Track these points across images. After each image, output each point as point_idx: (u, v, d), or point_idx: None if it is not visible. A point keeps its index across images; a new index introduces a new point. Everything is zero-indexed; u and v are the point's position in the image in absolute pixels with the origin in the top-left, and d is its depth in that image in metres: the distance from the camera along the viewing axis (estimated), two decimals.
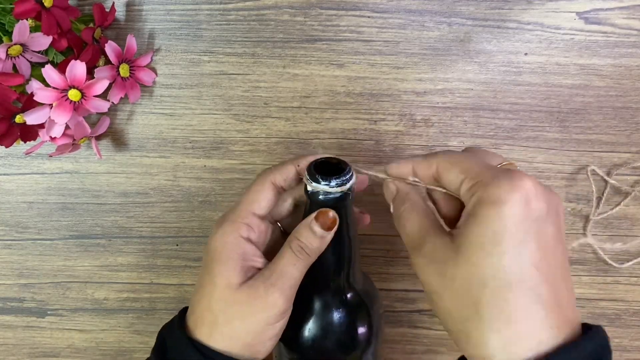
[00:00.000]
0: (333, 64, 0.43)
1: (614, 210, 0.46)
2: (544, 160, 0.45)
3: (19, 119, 0.38)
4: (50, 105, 0.37)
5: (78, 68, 0.37)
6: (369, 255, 0.47)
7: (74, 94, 0.37)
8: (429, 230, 0.30)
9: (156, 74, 0.44)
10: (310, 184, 0.32)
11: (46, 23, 0.36)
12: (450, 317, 0.28)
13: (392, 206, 0.33)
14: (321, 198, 0.32)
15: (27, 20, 0.36)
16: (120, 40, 0.41)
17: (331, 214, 0.32)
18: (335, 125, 0.45)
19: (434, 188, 0.32)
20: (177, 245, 0.47)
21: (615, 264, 0.46)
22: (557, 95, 0.44)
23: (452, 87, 0.44)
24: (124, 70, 0.41)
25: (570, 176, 0.45)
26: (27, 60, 0.38)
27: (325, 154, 0.34)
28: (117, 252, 0.48)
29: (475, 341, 0.26)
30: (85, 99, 0.38)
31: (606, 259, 0.46)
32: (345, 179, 0.32)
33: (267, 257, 0.34)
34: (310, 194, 0.32)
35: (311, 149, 0.45)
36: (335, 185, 0.31)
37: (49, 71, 0.36)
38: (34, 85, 0.37)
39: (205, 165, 0.46)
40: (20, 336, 0.50)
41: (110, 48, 0.39)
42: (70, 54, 0.40)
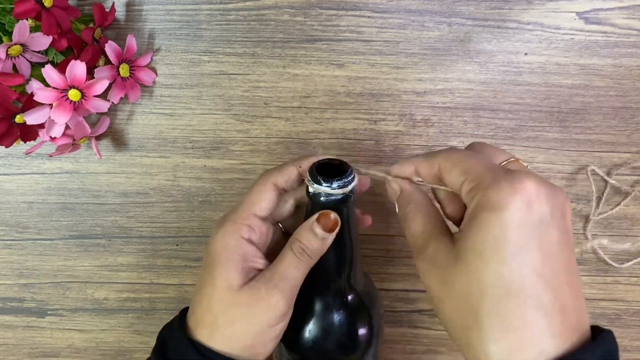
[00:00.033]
0: (333, 64, 0.43)
1: (614, 210, 0.46)
2: (544, 160, 0.45)
3: (19, 119, 0.38)
4: (50, 105, 0.37)
5: (78, 68, 0.37)
6: (369, 255, 0.47)
7: (74, 94, 0.37)
8: (432, 233, 0.29)
9: (156, 74, 0.44)
10: (312, 185, 0.32)
11: (46, 23, 0.36)
12: (451, 324, 0.27)
13: (397, 206, 0.32)
14: (323, 200, 0.32)
15: (27, 20, 0.36)
16: (120, 40, 0.41)
17: (333, 216, 0.32)
18: (335, 125, 0.45)
19: (438, 187, 0.31)
20: (177, 245, 0.47)
21: (615, 264, 0.46)
22: (557, 95, 0.44)
23: (452, 87, 0.44)
24: (124, 70, 0.41)
25: (570, 176, 0.45)
26: (27, 60, 0.38)
27: (327, 155, 0.34)
28: (117, 252, 0.48)
29: (475, 350, 0.26)
30: (85, 99, 0.38)
31: (606, 259, 0.46)
32: (347, 180, 0.31)
33: (268, 258, 0.34)
34: (312, 195, 0.32)
35: (311, 149, 0.45)
36: (337, 187, 0.31)
37: (49, 71, 0.36)
38: (34, 85, 0.37)
39: (205, 165, 0.46)
40: (20, 336, 0.50)
41: (110, 48, 0.39)
42: (70, 54, 0.40)
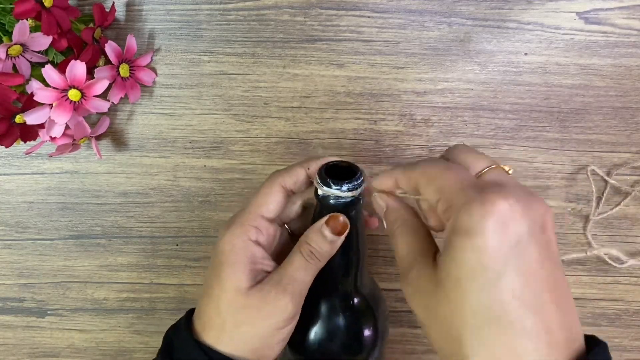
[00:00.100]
0: (333, 64, 0.43)
1: (614, 210, 0.46)
2: (544, 160, 0.45)
3: (19, 119, 0.38)
4: (50, 105, 0.37)
5: (78, 68, 0.37)
6: (369, 255, 0.47)
7: (74, 94, 0.37)
8: (416, 256, 0.29)
9: (156, 74, 0.44)
10: (322, 188, 0.31)
11: (46, 23, 0.36)
12: (438, 347, 0.27)
13: (385, 223, 0.32)
14: (332, 202, 0.32)
15: (27, 20, 0.36)
16: (120, 40, 0.41)
17: (342, 219, 0.32)
18: (335, 125, 0.45)
19: (420, 198, 0.30)
20: (177, 245, 0.47)
21: (615, 264, 0.46)
22: (557, 95, 0.44)
23: (452, 87, 0.44)
24: (124, 70, 0.41)
25: (570, 176, 0.45)
26: (27, 60, 0.38)
27: (335, 157, 0.34)
28: (117, 252, 0.48)
29: None
30: (85, 99, 0.38)
31: (606, 259, 0.46)
32: (357, 183, 0.31)
33: (275, 260, 0.34)
34: (321, 197, 0.32)
35: (311, 149, 0.45)
36: (346, 190, 0.31)
37: (49, 71, 0.36)
38: (34, 85, 0.37)
39: (205, 165, 0.46)
40: (20, 336, 0.50)
41: (110, 48, 0.39)
42: (70, 54, 0.40)
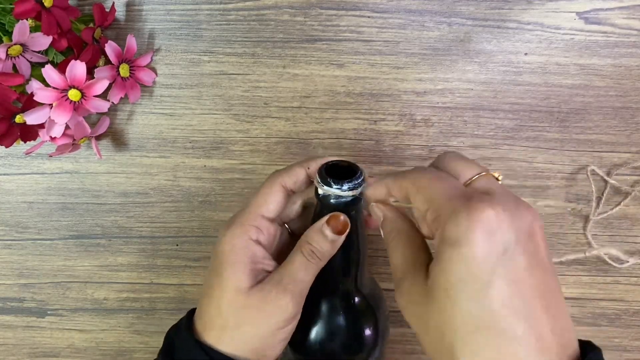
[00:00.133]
0: (333, 64, 0.43)
1: (614, 210, 0.46)
2: (544, 160, 0.45)
3: (19, 119, 0.38)
4: (50, 105, 0.37)
5: (78, 68, 0.37)
6: (369, 255, 0.47)
7: (74, 94, 0.37)
8: (410, 267, 0.29)
9: (156, 74, 0.44)
10: (322, 187, 0.31)
11: (46, 23, 0.36)
12: (432, 358, 0.27)
13: (382, 233, 0.32)
14: (332, 202, 0.32)
15: (27, 20, 0.36)
16: (120, 40, 0.41)
17: (343, 218, 0.32)
18: (335, 125, 0.45)
19: (411, 207, 0.30)
20: (177, 245, 0.47)
21: (615, 264, 0.46)
22: (557, 95, 0.44)
23: (452, 87, 0.44)
24: (124, 70, 0.41)
25: (570, 176, 0.45)
26: (27, 60, 0.38)
27: (335, 156, 0.34)
28: (117, 252, 0.48)
29: None
30: (85, 99, 0.38)
31: (606, 258, 0.46)
32: (357, 182, 0.31)
33: (276, 260, 0.34)
34: (322, 197, 0.32)
35: (311, 149, 0.45)
36: (347, 189, 0.31)
37: (49, 71, 0.36)
38: (34, 85, 0.37)
39: (205, 165, 0.46)
40: (20, 336, 0.50)
41: (110, 48, 0.39)
42: (70, 54, 0.40)
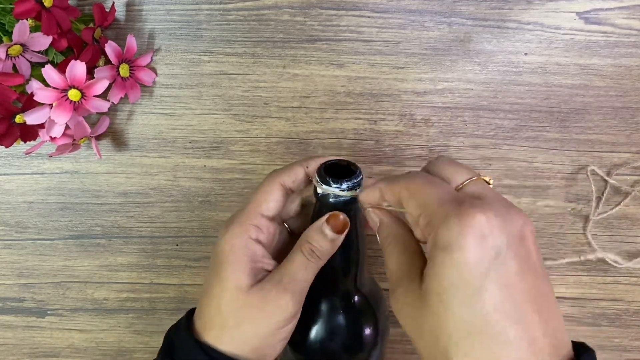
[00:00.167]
0: (333, 64, 0.43)
1: (614, 210, 0.46)
2: (544, 160, 0.45)
3: (19, 119, 0.38)
4: (50, 105, 0.37)
5: (78, 68, 0.37)
6: (369, 255, 0.47)
7: (74, 94, 0.37)
8: (404, 272, 0.29)
9: (156, 74, 0.44)
10: (321, 186, 0.31)
11: (46, 23, 0.36)
12: None
13: (379, 238, 0.32)
14: (332, 201, 0.32)
15: (27, 20, 0.36)
16: (120, 40, 0.41)
17: (342, 217, 0.32)
18: (335, 125, 0.45)
19: (404, 211, 0.30)
20: (177, 245, 0.47)
21: (615, 264, 0.46)
22: (557, 95, 0.44)
23: (452, 87, 0.44)
24: (124, 70, 0.41)
25: (570, 176, 0.45)
26: (27, 60, 0.38)
27: (334, 156, 0.34)
28: (117, 252, 0.48)
29: None
30: (85, 99, 0.38)
31: (606, 259, 0.46)
32: (356, 182, 0.31)
33: (275, 259, 0.34)
34: (321, 196, 0.32)
35: (311, 149, 0.45)
36: (346, 188, 0.31)
37: (49, 71, 0.36)
38: (34, 85, 0.37)
39: (205, 165, 0.46)
40: (20, 336, 0.50)
41: (110, 48, 0.39)
42: (70, 54, 0.40)
